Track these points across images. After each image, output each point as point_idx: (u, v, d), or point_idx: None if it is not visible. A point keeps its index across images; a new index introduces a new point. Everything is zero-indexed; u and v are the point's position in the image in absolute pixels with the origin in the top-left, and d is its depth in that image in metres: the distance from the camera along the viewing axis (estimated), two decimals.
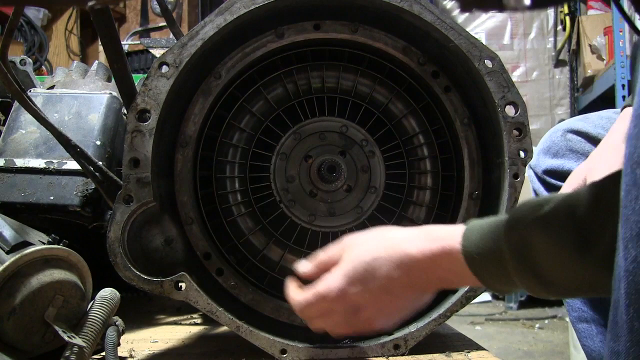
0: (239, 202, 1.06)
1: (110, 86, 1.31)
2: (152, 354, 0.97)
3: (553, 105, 4.44)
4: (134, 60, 3.07)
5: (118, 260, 0.87)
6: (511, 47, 4.52)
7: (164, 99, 0.89)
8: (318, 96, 1.06)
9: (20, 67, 1.38)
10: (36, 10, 3.74)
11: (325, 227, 1.05)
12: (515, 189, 0.92)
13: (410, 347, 0.93)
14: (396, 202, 1.07)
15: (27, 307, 0.77)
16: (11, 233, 0.83)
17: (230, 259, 1.03)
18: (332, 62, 1.07)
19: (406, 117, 1.08)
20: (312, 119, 1.05)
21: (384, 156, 1.07)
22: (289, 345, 0.91)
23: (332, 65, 1.07)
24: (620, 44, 3.27)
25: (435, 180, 1.08)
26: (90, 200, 1.10)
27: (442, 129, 1.07)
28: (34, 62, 3.55)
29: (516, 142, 0.93)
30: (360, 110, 1.07)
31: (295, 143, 1.05)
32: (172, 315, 1.35)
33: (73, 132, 1.14)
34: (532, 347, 2.76)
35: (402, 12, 0.93)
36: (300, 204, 1.04)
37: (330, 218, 1.05)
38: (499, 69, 0.93)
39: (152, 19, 4.08)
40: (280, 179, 1.04)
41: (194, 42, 0.90)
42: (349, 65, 1.07)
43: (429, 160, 1.08)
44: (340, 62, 1.07)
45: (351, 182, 1.05)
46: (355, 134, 1.06)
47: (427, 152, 1.09)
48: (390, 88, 1.08)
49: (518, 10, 0.48)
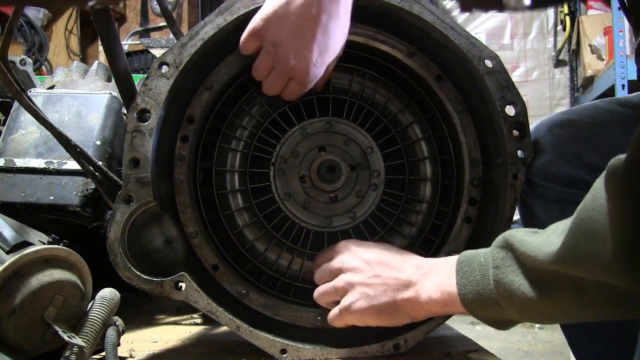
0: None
1: (110, 86, 1.31)
2: (152, 354, 0.97)
3: (553, 105, 4.44)
4: (134, 60, 3.08)
5: (118, 260, 0.87)
6: (511, 47, 4.52)
7: (164, 99, 0.89)
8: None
9: (20, 67, 1.37)
10: (36, 10, 3.75)
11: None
12: (515, 189, 0.92)
13: (410, 347, 0.92)
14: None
15: (27, 307, 0.77)
16: (11, 233, 0.83)
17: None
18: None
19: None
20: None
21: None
22: (289, 345, 0.91)
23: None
24: (620, 44, 3.27)
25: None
26: (90, 200, 1.10)
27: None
28: (34, 62, 3.56)
29: (516, 142, 0.93)
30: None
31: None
32: (172, 315, 1.35)
33: (73, 132, 1.14)
34: (532, 347, 2.76)
35: (402, 12, 0.93)
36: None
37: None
38: (499, 68, 0.93)
39: (152, 19, 4.09)
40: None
41: (194, 42, 0.90)
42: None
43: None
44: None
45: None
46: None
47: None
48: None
49: (518, 10, 0.49)
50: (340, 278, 0.89)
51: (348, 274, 0.89)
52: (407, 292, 0.84)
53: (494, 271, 0.74)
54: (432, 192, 1.07)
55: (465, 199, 1.00)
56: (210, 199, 1.03)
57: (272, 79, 0.93)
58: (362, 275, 0.87)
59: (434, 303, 0.82)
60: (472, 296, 0.77)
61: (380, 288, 0.85)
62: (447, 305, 0.81)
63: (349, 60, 1.04)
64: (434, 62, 1.01)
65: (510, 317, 0.75)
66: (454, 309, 0.81)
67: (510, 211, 0.93)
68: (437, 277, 0.83)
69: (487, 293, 0.75)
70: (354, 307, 0.87)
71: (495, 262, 0.75)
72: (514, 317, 0.75)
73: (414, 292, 0.84)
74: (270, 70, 0.92)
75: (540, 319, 0.75)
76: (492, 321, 0.79)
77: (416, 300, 0.84)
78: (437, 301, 0.81)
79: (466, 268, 0.79)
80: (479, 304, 0.76)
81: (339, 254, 0.92)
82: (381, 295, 0.85)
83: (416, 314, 0.86)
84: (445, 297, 0.80)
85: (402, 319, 0.87)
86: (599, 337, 1.03)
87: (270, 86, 0.94)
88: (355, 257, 0.90)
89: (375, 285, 0.86)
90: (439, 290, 0.81)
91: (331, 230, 1.04)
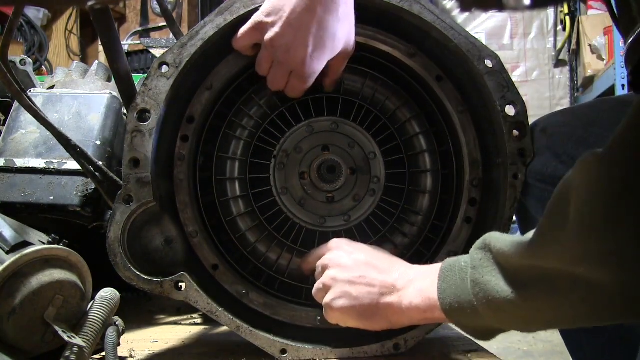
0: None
1: (110, 86, 1.31)
2: (152, 354, 0.97)
3: (553, 105, 4.44)
4: (134, 60, 3.07)
5: (118, 260, 0.87)
6: (511, 47, 4.52)
7: (164, 99, 0.89)
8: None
9: (20, 67, 1.37)
10: (36, 10, 3.75)
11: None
12: (515, 188, 0.92)
13: (410, 347, 0.92)
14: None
15: (27, 307, 0.77)
16: (11, 233, 0.83)
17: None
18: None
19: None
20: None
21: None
22: (289, 345, 0.91)
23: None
24: (620, 44, 3.28)
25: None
26: (90, 200, 1.10)
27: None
28: (34, 62, 3.55)
29: (516, 142, 0.93)
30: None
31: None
32: (172, 315, 1.35)
33: (73, 132, 1.14)
34: (532, 347, 2.76)
35: (402, 12, 0.93)
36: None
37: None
38: (499, 68, 0.93)
39: (152, 19, 4.09)
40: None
41: (194, 42, 0.91)
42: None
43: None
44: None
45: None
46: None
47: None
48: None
49: (518, 10, 0.49)
50: (326, 274, 0.89)
51: (334, 270, 0.88)
52: (391, 296, 0.83)
53: (472, 272, 0.73)
54: (430, 205, 1.06)
55: (465, 199, 1.00)
56: (211, 204, 1.04)
57: (273, 73, 0.94)
58: (348, 273, 0.86)
59: (415, 309, 0.80)
60: (451, 300, 0.75)
61: (364, 289, 0.84)
62: (427, 312, 0.79)
63: (359, 63, 1.04)
64: (434, 62, 1.01)
65: (488, 323, 0.73)
66: (434, 315, 0.79)
67: (510, 211, 0.93)
68: (421, 283, 0.81)
69: (464, 296, 0.73)
70: (335, 305, 0.86)
71: (473, 262, 0.73)
72: (491, 322, 0.72)
73: (397, 297, 0.83)
74: (271, 64, 0.93)
75: (518, 325, 0.72)
76: (473, 330, 0.77)
77: (398, 306, 0.82)
78: (418, 307, 0.80)
79: (448, 272, 0.77)
80: (457, 308, 0.74)
81: (330, 250, 0.92)
82: (364, 297, 0.84)
83: (396, 320, 0.84)
84: (427, 302, 0.79)
85: (381, 323, 0.86)
86: (596, 339, 1.03)
87: (272, 81, 0.95)
88: (344, 255, 0.89)
89: (359, 285, 0.85)
90: (420, 295, 0.80)
91: (324, 230, 1.04)
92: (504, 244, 0.69)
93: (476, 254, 0.74)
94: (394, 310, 0.83)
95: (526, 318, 0.68)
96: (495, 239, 0.72)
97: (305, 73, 0.92)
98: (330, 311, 0.88)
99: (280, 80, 0.94)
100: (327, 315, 0.90)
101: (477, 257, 0.73)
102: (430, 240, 1.06)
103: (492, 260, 0.71)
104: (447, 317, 0.77)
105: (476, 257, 0.74)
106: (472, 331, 0.77)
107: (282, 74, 0.93)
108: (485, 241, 0.74)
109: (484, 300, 0.70)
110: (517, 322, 0.71)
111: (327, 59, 0.93)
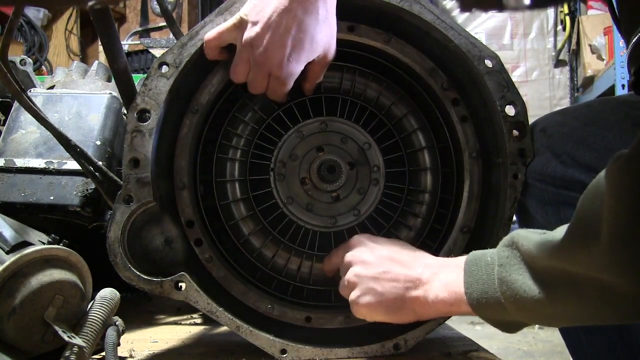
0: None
1: (110, 86, 1.31)
2: (152, 354, 0.97)
3: (553, 105, 4.44)
4: (134, 60, 3.07)
5: (118, 260, 0.87)
6: (511, 47, 4.52)
7: (163, 99, 0.89)
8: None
9: (20, 67, 1.37)
10: (36, 10, 3.75)
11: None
12: (515, 188, 0.92)
13: (410, 347, 0.93)
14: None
15: (27, 307, 0.77)
16: (11, 233, 0.83)
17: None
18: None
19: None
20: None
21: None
22: (289, 345, 0.91)
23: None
24: (620, 44, 3.28)
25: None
26: (90, 200, 1.10)
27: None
28: (34, 62, 3.55)
29: (516, 142, 0.93)
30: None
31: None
32: (172, 315, 1.35)
33: (73, 132, 1.14)
34: (532, 347, 2.76)
35: (402, 12, 0.93)
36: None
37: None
38: (499, 68, 0.93)
39: (152, 19, 4.09)
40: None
41: (194, 42, 0.91)
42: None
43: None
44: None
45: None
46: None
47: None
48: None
49: (518, 10, 0.49)
50: (351, 271, 0.90)
51: (358, 267, 0.89)
52: (416, 290, 0.84)
53: (499, 269, 0.74)
54: (433, 180, 1.07)
55: (467, 173, 1.00)
56: (213, 209, 1.04)
57: (253, 75, 0.92)
58: (372, 269, 0.87)
59: (442, 302, 0.82)
60: (478, 295, 0.77)
61: (389, 284, 0.85)
62: (454, 305, 0.81)
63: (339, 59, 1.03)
64: (434, 62, 1.01)
65: (513, 317, 0.75)
66: (461, 309, 0.80)
67: (510, 211, 0.93)
68: (446, 276, 0.83)
69: (491, 292, 0.75)
70: (361, 301, 0.87)
71: (500, 260, 0.75)
72: (516, 317, 0.75)
73: (423, 290, 0.84)
74: (249, 67, 0.92)
75: (542, 321, 0.74)
76: (498, 323, 0.79)
77: (424, 300, 0.84)
78: (444, 301, 0.81)
79: (473, 267, 0.79)
80: (483, 303, 0.76)
81: (352, 247, 0.93)
82: (389, 291, 0.85)
83: (423, 312, 0.86)
84: (453, 296, 0.80)
85: (408, 316, 0.87)
86: (597, 339, 1.02)
87: (253, 83, 0.94)
88: (367, 251, 0.90)
89: (384, 281, 0.86)
90: (446, 289, 0.81)
91: (337, 229, 1.04)
92: (532, 244, 0.70)
93: (503, 252, 0.75)
94: (420, 304, 0.84)
95: (550, 315, 0.71)
96: (522, 237, 0.73)
97: (282, 74, 0.90)
98: (357, 307, 0.89)
99: (261, 82, 0.93)
100: (354, 311, 0.90)
101: (504, 255, 0.75)
102: (442, 216, 1.06)
103: (519, 259, 0.73)
104: (473, 311, 0.78)
105: (503, 255, 0.75)
106: (497, 324, 0.79)
107: (262, 76, 0.92)
108: (513, 239, 0.75)
109: (511, 298, 0.72)
110: (542, 318, 0.73)
111: (305, 61, 0.91)
